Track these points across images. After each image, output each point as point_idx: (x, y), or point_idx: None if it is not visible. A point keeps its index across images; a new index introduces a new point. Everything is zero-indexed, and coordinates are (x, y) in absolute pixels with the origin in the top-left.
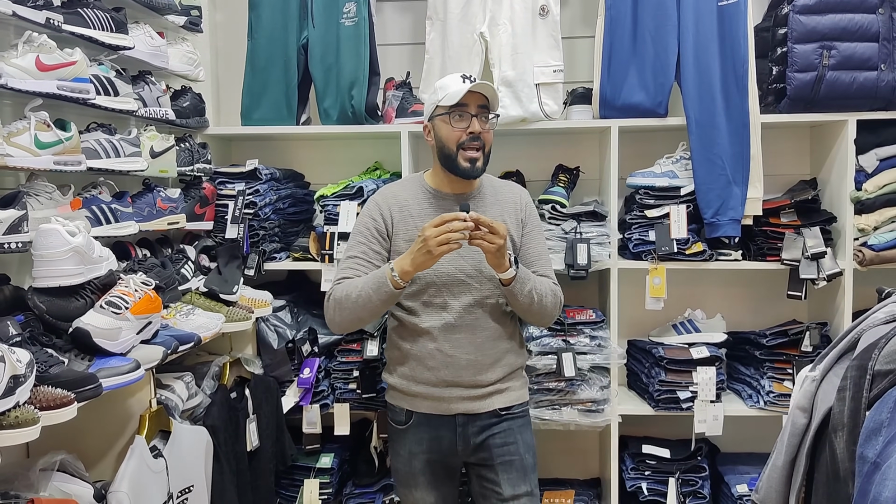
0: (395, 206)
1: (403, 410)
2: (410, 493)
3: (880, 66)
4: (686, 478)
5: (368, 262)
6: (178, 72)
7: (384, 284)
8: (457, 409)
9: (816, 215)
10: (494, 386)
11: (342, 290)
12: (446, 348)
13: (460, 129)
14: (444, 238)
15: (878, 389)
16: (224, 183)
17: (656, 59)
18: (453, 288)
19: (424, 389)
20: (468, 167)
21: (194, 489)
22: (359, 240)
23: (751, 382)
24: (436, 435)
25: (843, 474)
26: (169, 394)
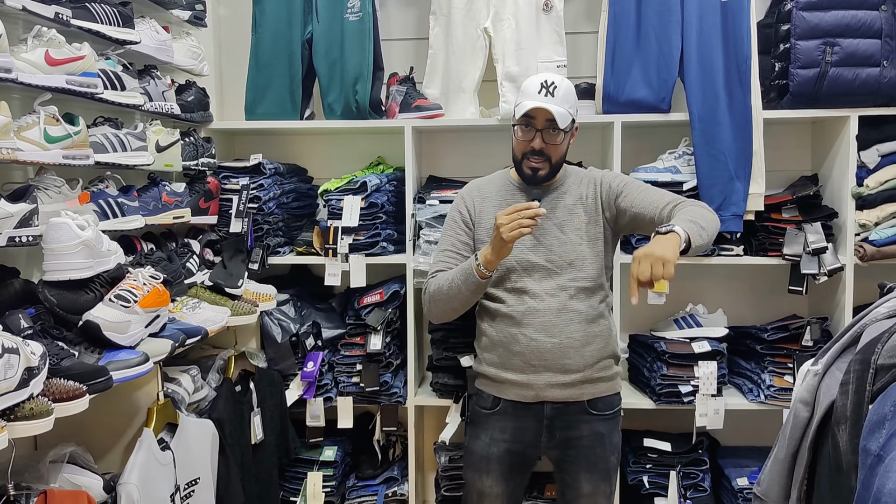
0: (479, 198)
1: (490, 397)
2: (480, 479)
3: (883, 62)
4: (687, 471)
5: (458, 253)
6: (182, 66)
7: (471, 275)
8: (545, 397)
9: (818, 211)
10: (584, 373)
11: (436, 284)
12: (529, 332)
13: (524, 142)
14: (515, 224)
15: (881, 383)
16: (228, 177)
17: (660, 54)
18: (533, 273)
19: (512, 375)
20: (529, 175)
21: (201, 481)
22: (448, 233)
23: (751, 377)
24: (521, 425)
25: (846, 467)
26: (175, 387)
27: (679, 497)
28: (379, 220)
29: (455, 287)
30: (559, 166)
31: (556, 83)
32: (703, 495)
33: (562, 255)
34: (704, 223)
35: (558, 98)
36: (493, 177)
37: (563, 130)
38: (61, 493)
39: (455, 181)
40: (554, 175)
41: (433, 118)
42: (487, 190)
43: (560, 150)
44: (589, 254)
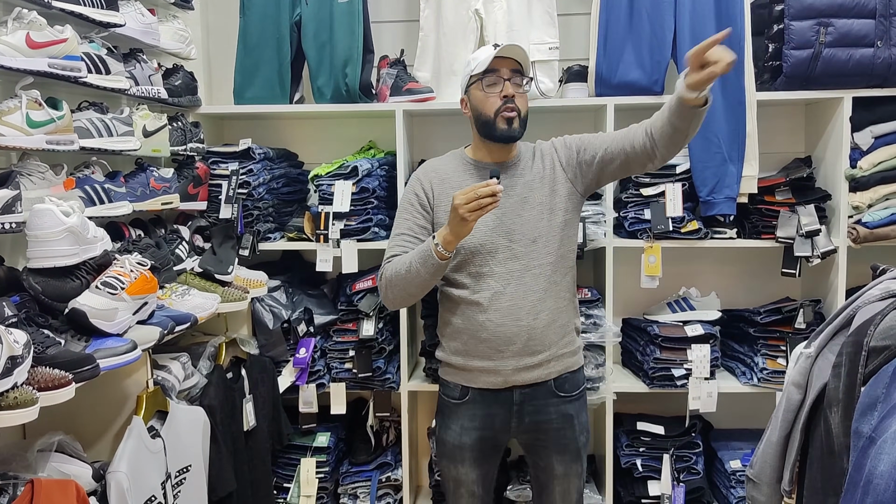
0: (436, 180)
1: (458, 386)
2: (455, 468)
3: (876, 42)
4: (680, 454)
5: (414, 237)
6: (169, 50)
7: (430, 257)
8: (514, 381)
9: (811, 193)
10: (550, 352)
11: (392, 268)
12: (496, 318)
13: (494, 94)
14: (475, 205)
15: (873, 365)
16: (217, 162)
17: (653, 36)
18: (497, 255)
19: (480, 363)
20: (505, 128)
21: (192, 469)
22: (404, 217)
23: (744, 359)
24: (490, 412)
25: (838, 449)
26: (165, 374)
27: (672, 480)
28: (370, 205)
29: (413, 270)
30: (525, 124)
31: (503, 43)
32: (696, 478)
33: (524, 234)
34: None
35: (509, 48)
36: (448, 157)
37: (528, 77)
38: (49, 482)
39: None
40: (522, 134)
41: (425, 101)
42: (444, 170)
43: (526, 104)
44: (551, 228)
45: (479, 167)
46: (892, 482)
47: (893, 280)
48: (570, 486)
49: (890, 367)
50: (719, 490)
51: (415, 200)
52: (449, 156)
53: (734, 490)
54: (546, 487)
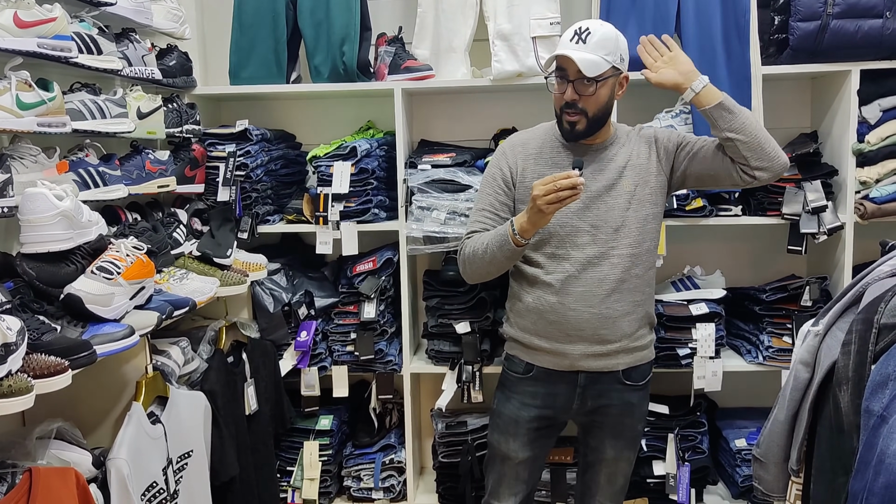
0: (521, 155)
1: (523, 363)
2: (507, 442)
3: (886, 13)
4: (685, 433)
5: (495, 213)
6: (163, 29)
7: (506, 242)
8: (580, 366)
9: (817, 168)
10: (621, 343)
11: (471, 246)
12: (568, 301)
13: (559, 95)
14: (553, 197)
15: (884, 343)
16: (214, 144)
17: (656, 10)
18: (576, 239)
19: (546, 344)
20: (568, 130)
21: (194, 454)
22: (486, 191)
23: (750, 338)
24: (554, 391)
25: (848, 428)
26: (165, 359)
27: (677, 459)
28: (370, 186)
29: (490, 252)
30: (600, 121)
31: (591, 29)
32: (702, 457)
33: (607, 221)
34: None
35: (591, 45)
36: (538, 131)
37: (595, 80)
38: (48, 470)
39: (447, 145)
40: (594, 131)
41: (424, 79)
42: (532, 146)
43: (598, 102)
44: (636, 219)
45: (569, 147)
46: None
47: None
48: (617, 470)
49: None
50: (724, 469)
51: (498, 175)
52: (539, 129)
53: (739, 469)
54: (592, 467)
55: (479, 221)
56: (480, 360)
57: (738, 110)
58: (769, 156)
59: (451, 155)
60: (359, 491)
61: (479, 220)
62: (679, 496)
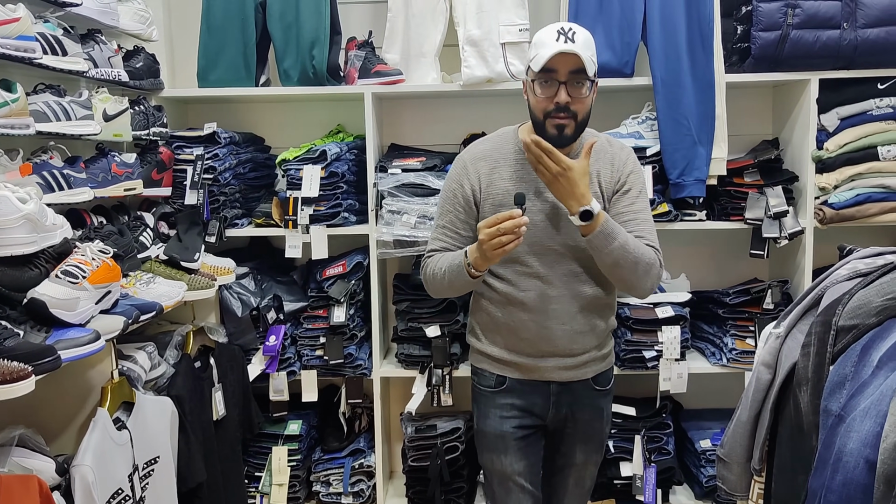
0: (486, 169)
1: (494, 376)
2: (499, 459)
3: (843, 24)
4: (651, 435)
5: (456, 232)
6: (129, 31)
7: (462, 273)
8: (551, 378)
9: (779, 175)
10: (590, 354)
11: (430, 269)
12: (541, 320)
13: (546, 98)
14: (496, 242)
15: (841, 344)
16: (181, 147)
17: (623, 17)
18: (547, 258)
19: (518, 359)
20: (555, 134)
21: (160, 460)
22: (447, 208)
23: (714, 340)
24: (528, 401)
25: (807, 427)
26: (131, 364)
27: (644, 461)
28: (340, 189)
29: (449, 280)
30: (584, 125)
31: (575, 29)
32: (667, 458)
33: (577, 239)
34: (638, 255)
35: (580, 44)
36: (500, 140)
37: (589, 80)
38: (9, 477)
39: (418, 149)
40: (578, 136)
41: (394, 84)
42: (496, 157)
43: (586, 105)
44: None
45: None
46: (861, 460)
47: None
48: (585, 474)
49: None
50: (689, 469)
51: (458, 192)
52: (500, 138)
53: (704, 469)
54: (561, 472)
55: (439, 239)
56: (450, 363)
57: (608, 250)
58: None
59: (422, 159)
60: (328, 496)
61: (440, 237)
62: (645, 497)
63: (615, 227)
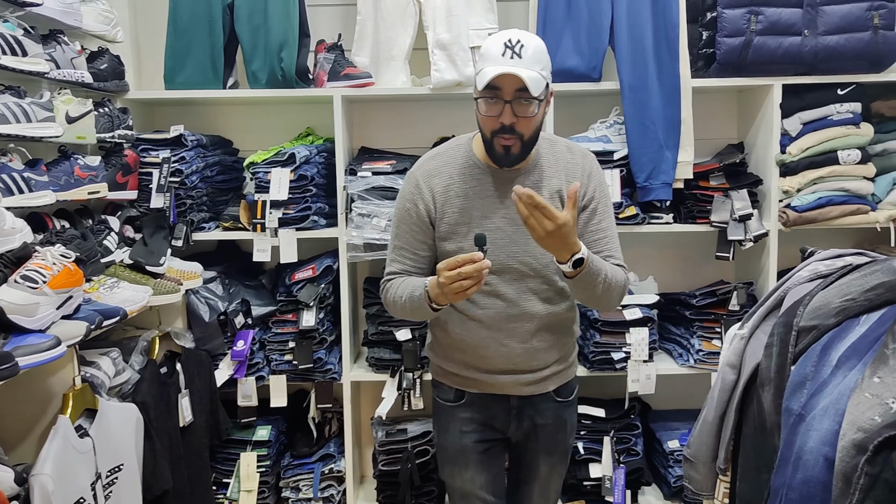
0: (440, 185)
1: (453, 390)
2: (460, 474)
3: (804, 31)
4: (620, 436)
5: (414, 252)
6: (93, 31)
7: (423, 306)
8: (511, 392)
9: (744, 178)
10: (551, 369)
11: (391, 295)
12: (500, 338)
13: (491, 118)
14: (458, 286)
15: (802, 345)
16: (148, 150)
17: (591, 22)
18: (506, 275)
19: (477, 375)
20: (501, 154)
21: (124, 467)
22: (403, 228)
23: (681, 342)
24: (489, 415)
25: (770, 427)
26: (94, 371)
27: (613, 462)
28: (309, 192)
29: (410, 309)
30: (534, 142)
31: (524, 41)
32: (636, 459)
33: (537, 258)
34: (613, 281)
35: (527, 59)
36: (454, 153)
37: (536, 99)
38: None
39: (388, 152)
40: (527, 154)
41: (363, 87)
42: (450, 173)
43: (534, 123)
44: None
45: (487, 172)
46: (820, 458)
47: (821, 262)
48: (550, 485)
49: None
50: (658, 470)
51: (412, 212)
52: (453, 150)
53: (672, 469)
54: (526, 485)
55: (397, 261)
56: (421, 366)
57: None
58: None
59: (392, 162)
60: (297, 502)
61: (398, 259)
62: (615, 498)
63: (598, 262)
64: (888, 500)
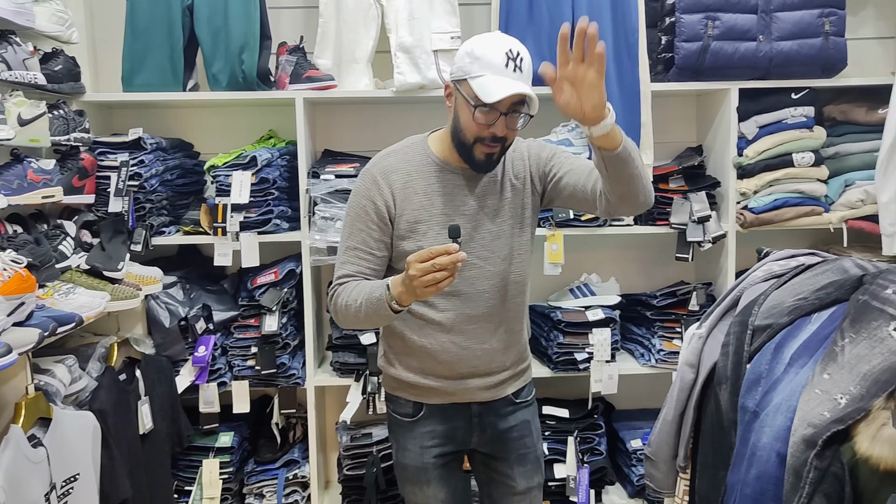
0: (399, 183)
1: (410, 403)
2: (421, 491)
3: (759, 37)
4: (584, 436)
5: (370, 252)
6: (47, 32)
7: (382, 307)
8: (472, 398)
9: (702, 180)
10: (509, 370)
11: (343, 300)
12: (460, 340)
13: (483, 126)
14: (430, 279)
15: (757, 343)
16: (105, 153)
17: (552, 27)
18: (465, 273)
19: (436, 383)
20: (482, 161)
21: (80, 477)
22: (358, 226)
23: (643, 342)
24: (450, 426)
25: (727, 424)
26: (49, 379)
27: (577, 462)
28: (271, 196)
29: (364, 313)
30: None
31: (521, 54)
32: (600, 458)
33: (496, 251)
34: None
35: (526, 72)
36: (410, 151)
37: (529, 115)
38: None
39: (351, 155)
40: (499, 160)
41: (325, 89)
42: (408, 170)
43: (516, 133)
44: (521, 244)
45: (447, 170)
46: (773, 453)
47: (775, 262)
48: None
49: (772, 344)
50: (621, 469)
51: (370, 209)
52: (409, 149)
53: (635, 468)
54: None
55: (351, 263)
56: None
57: (632, 157)
58: (639, 202)
59: (355, 165)
60: None
61: (352, 260)
62: (579, 497)
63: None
64: (836, 492)
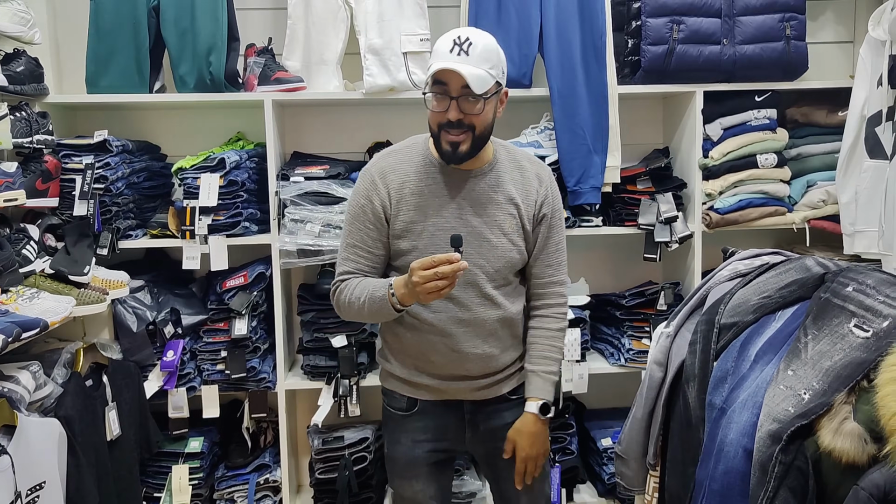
0: (395, 183)
1: (405, 398)
2: (409, 485)
3: (723, 40)
4: (555, 436)
5: (369, 251)
6: (7, 33)
7: (385, 306)
8: (464, 397)
9: (669, 182)
10: (504, 372)
11: (345, 297)
12: (452, 343)
13: (439, 112)
14: (433, 286)
15: (724, 341)
16: (70, 156)
17: (520, 29)
18: (459, 279)
19: (430, 381)
20: (448, 151)
21: (46, 485)
22: (357, 225)
23: (612, 341)
24: (442, 423)
25: (695, 421)
26: (13, 385)
27: (549, 461)
28: (240, 198)
29: (368, 311)
30: (484, 140)
31: (472, 39)
32: (571, 458)
33: (491, 262)
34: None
35: (474, 57)
36: (410, 152)
37: (482, 97)
38: None
39: (321, 157)
40: (477, 152)
41: (294, 91)
42: (404, 171)
43: (484, 119)
44: (517, 258)
45: (444, 172)
46: (739, 449)
47: (740, 261)
48: (537, 495)
49: (738, 342)
50: (592, 468)
51: (368, 209)
52: (410, 148)
53: (606, 467)
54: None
55: (351, 260)
56: (357, 373)
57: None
58: None
59: (325, 167)
60: None
61: (352, 257)
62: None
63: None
64: (801, 486)
